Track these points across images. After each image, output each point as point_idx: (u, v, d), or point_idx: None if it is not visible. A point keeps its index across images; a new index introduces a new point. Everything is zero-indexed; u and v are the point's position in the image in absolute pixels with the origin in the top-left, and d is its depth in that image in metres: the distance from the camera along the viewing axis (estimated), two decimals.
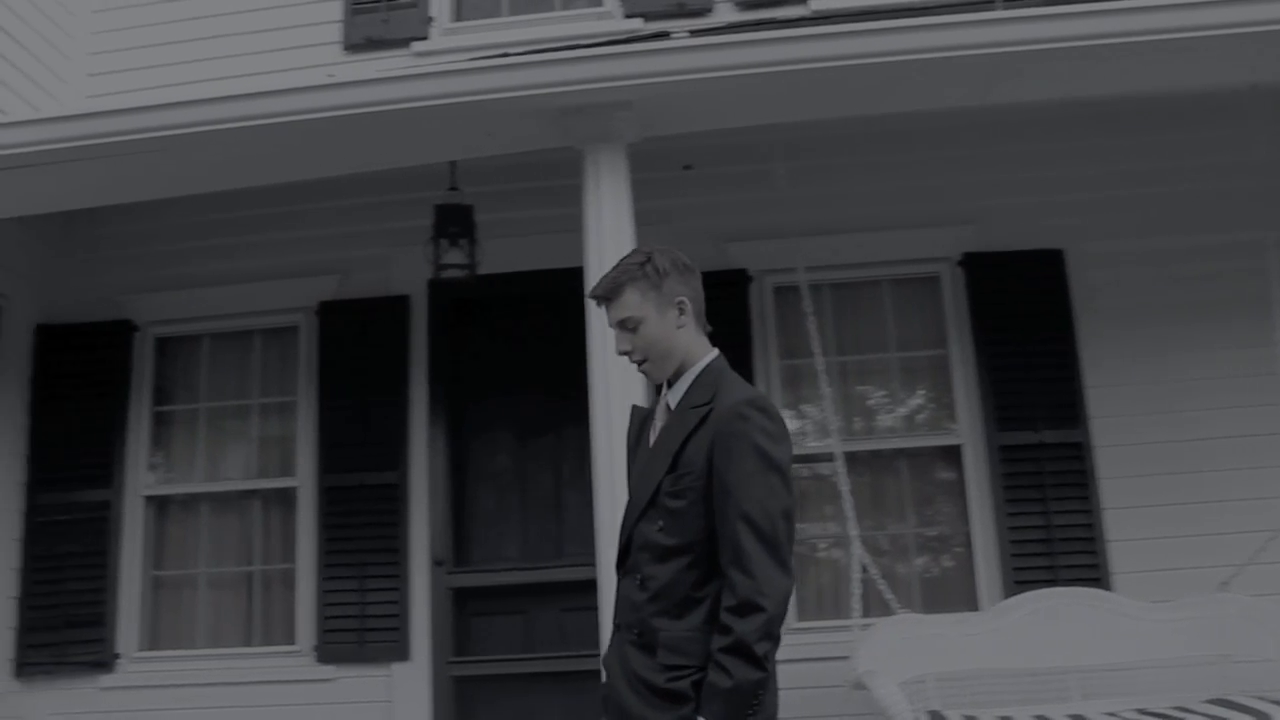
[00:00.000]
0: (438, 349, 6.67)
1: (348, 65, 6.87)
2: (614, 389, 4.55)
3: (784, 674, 2.74)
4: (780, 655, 2.67)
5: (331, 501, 6.48)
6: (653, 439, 2.96)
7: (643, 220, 4.97)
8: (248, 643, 6.60)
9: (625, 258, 2.99)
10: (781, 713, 2.73)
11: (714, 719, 2.61)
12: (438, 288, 6.61)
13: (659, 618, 2.78)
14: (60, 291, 7.00)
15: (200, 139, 4.89)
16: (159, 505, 6.83)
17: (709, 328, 3.00)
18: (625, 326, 2.92)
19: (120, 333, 6.89)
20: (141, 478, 6.78)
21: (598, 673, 4.56)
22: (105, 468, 6.73)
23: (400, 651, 6.30)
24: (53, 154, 4.99)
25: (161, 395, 6.96)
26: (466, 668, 6.36)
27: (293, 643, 6.43)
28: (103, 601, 6.56)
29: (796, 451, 6.32)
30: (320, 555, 6.43)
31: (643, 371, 2.96)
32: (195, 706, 6.35)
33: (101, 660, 6.50)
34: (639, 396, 4.53)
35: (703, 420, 2.80)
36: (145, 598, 6.66)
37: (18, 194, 5.32)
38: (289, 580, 6.58)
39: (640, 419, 3.10)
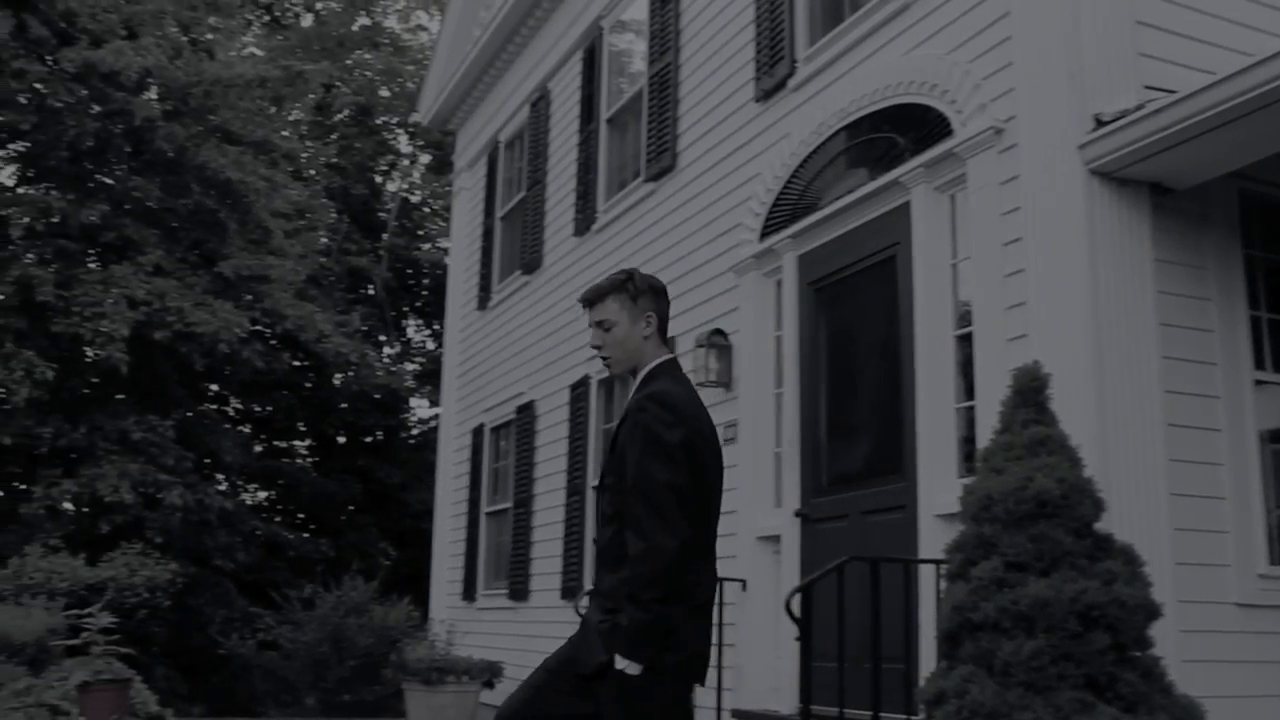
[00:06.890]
0: None
1: None
2: None
3: None
4: None
5: None
6: None
7: None
8: None
9: (612, 274, 3.70)
10: None
11: (613, 650, 3.27)
12: None
13: (600, 571, 3.49)
14: None
15: None
16: None
17: (670, 338, 3.77)
18: (602, 327, 3.64)
19: None
20: None
21: None
22: None
23: None
24: None
25: None
26: None
27: None
28: None
29: None
30: None
31: (605, 365, 3.68)
32: None
33: None
34: None
35: (626, 413, 3.52)
36: None
37: None
38: None
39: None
